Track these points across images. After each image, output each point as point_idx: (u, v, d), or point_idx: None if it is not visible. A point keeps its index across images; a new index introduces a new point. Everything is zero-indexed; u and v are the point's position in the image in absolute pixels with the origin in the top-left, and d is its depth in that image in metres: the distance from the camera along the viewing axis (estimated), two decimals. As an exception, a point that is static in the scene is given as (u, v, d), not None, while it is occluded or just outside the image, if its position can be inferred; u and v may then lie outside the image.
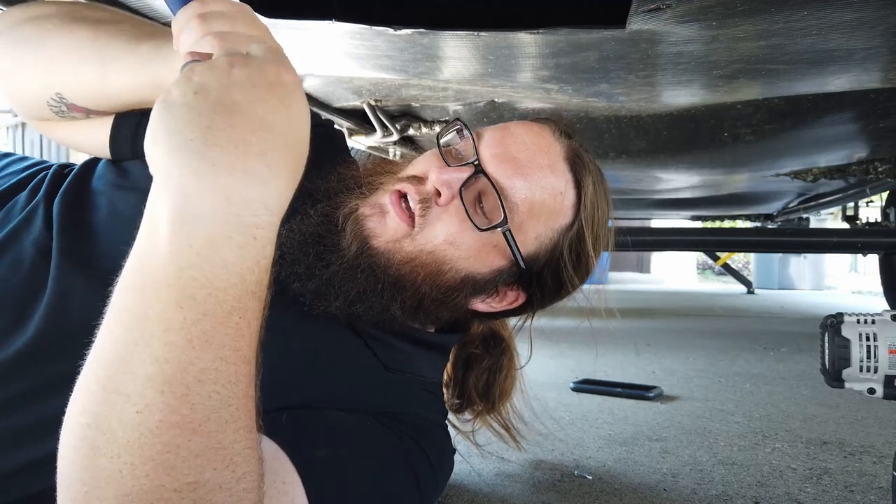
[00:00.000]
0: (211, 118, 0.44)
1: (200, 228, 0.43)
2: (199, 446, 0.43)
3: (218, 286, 0.44)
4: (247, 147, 0.44)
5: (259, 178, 0.45)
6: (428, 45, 1.12)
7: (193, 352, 0.43)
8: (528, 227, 0.72)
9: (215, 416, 0.43)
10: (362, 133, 1.92)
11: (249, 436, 0.46)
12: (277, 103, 0.47)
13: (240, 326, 0.45)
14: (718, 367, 2.49)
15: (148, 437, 0.42)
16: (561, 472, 1.28)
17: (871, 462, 1.37)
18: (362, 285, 0.69)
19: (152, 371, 0.42)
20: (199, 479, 0.43)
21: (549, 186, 0.72)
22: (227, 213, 0.44)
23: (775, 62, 1.15)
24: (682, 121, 1.69)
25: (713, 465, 1.33)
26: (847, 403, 1.88)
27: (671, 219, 6.28)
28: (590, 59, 1.16)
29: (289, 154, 0.47)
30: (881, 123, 1.73)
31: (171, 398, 0.42)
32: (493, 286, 0.75)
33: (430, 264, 0.70)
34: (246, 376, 0.46)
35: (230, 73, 0.47)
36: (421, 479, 0.66)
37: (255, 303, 0.46)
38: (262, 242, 0.45)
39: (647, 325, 3.97)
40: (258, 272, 0.46)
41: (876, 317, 0.85)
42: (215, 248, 0.43)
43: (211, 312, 0.43)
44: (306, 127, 0.49)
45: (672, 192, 3.37)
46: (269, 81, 0.47)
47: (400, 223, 0.69)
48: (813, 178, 2.59)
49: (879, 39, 1.01)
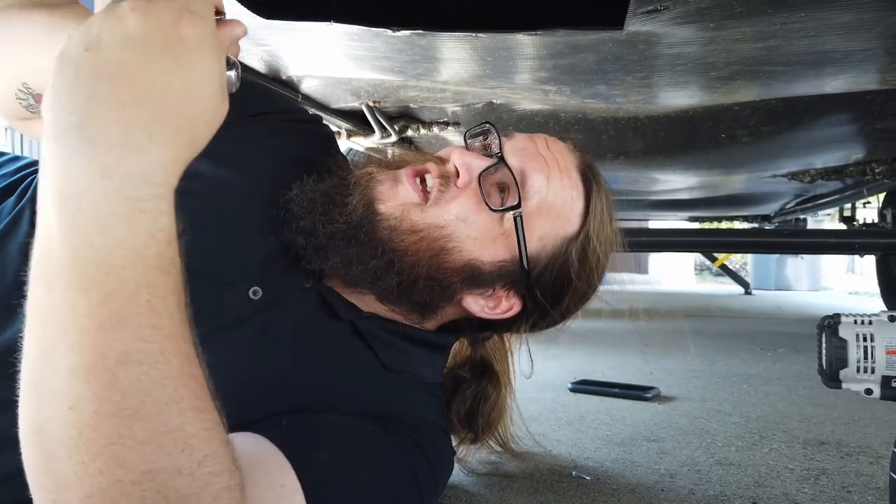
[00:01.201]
0: (94, 86, 0.42)
1: (83, 207, 0.42)
2: (143, 433, 0.42)
3: (116, 264, 0.42)
4: (128, 119, 0.42)
5: (140, 150, 0.43)
6: (426, 46, 1.12)
7: (108, 335, 0.42)
8: (536, 223, 0.73)
9: (151, 399, 0.42)
10: (361, 134, 1.92)
11: (202, 416, 0.45)
12: (171, 65, 0.44)
13: (152, 303, 0.43)
14: (716, 368, 2.49)
15: (88, 431, 0.41)
16: (559, 473, 1.28)
17: (869, 462, 1.37)
18: (362, 246, 0.69)
19: (73, 361, 0.41)
20: (155, 466, 0.42)
21: (561, 191, 0.74)
22: (105, 188, 0.42)
23: (772, 64, 1.15)
24: (679, 122, 1.69)
25: (711, 466, 1.34)
26: (844, 404, 1.88)
27: (669, 220, 6.29)
28: (587, 61, 1.16)
29: (181, 120, 0.45)
30: (878, 125, 1.73)
31: (98, 387, 0.41)
32: (491, 281, 0.74)
33: (437, 239, 0.70)
34: (177, 355, 0.44)
35: (126, 25, 0.43)
36: (421, 481, 0.66)
37: (162, 277, 0.44)
38: (151, 215, 0.44)
39: (645, 325, 3.97)
40: (156, 246, 0.44)
41: (873, 317, 0.86)
42: (102, 226, 0.42)
43: (115, 292, 0.42)
44: (209, 87, 0.46)
45: (670, 193, 3.38)
46: (166, 37, 0.44)
47: (410, 192, 0.70)
48: (810, 179, 2.59)
49: (876, 41, 1.01)
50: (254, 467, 0.53)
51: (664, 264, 11.22)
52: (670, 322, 4.20)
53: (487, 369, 0.95)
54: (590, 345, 2.96)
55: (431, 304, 0.75)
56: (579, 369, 2.36)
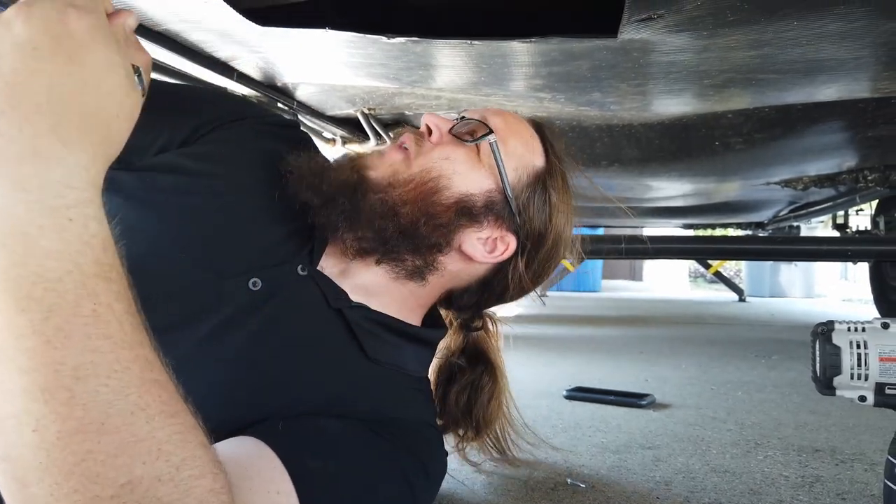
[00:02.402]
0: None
1: (6, 225, 0.40)
2: (112, 446, 0.41)
3: (51, 277, 0.41)
4: (33, 128, 0.41)
5: (54, 157, 0.41)
6: (421, 53, 1.12)
7: (57, 352, 0.40)
8: (507, 153, 0.79)
9: (115, 410, 0.41)
10: (356, 141, 1.92)
11: (172, 420, 0.44)
12: (66, 64, 0.42)
13: (98, 312, 0.42)
14: (710, 375, 2.49)
15: (56, 452, 0.40)
16: (554, 481, 1.27)
17: (863, 469, 1.37)
18: (362, 203, 0.73)
19: (26, 384, 0.40)
20: (132, 477, 0.41)
21: (519, 127, 0.82)
22: (26, 202, 0.41)
23: (766, 72, 1.16)
24: (673, 129, 1.70)
25: (706, 473, 1.34)
26: (838, 411, 1.89)
27: (663, 227, 6.31)
28: (582, 68, 1.16)
29: (89, 120, 0.43)
30: (870, 133, 1.75)
31: (57, 405, 0.40)
32: (483, 214, 0.77)
33: (427, 182, 0.74)
34: (135, 361, 0.43)
35: (12, 30, 0.42)
36: (414, 484, 0.66)
37: (104, 284, 0.43)
38: (80, 222, 0.42)
39: (640, 332, 3.98)
40: (91, 252, 0.43)
41: (866, 324, 0.86)
42: (30, 241, 0.41)
43: (56, 306, 0.41)
44: (111, 79, 0.45)
45: (664, 201, 3.39)
46: (53, 36, 0.42)
47: (396, 154, 0.77)
48: (803, 186, 2.61)
49: (868, 50, 1.02)
50: (250, 473, 0.53)
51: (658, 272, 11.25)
52: (664, 329, 4.21)
53: (482, 357, 0.96)
54: (584, 352, 2.96)
55: (435, 246, 0.76)
56: (574, 376, 2.35)
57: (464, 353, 0.96)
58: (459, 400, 0.94)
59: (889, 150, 2.03)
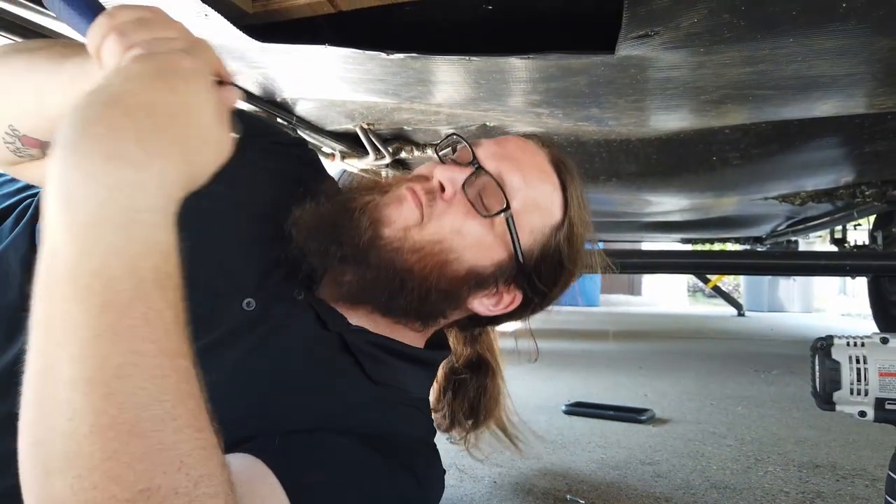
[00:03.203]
0: (89, 111, 0.44)
1: (80, 215, 0.43)
2: (139, 449, 0.41)
3: (111, 274, 0.43)
4: (120, 133, 0.44)
5: (134, 161, 0.44)
6: (420, 69, 1.13)
7: (104, 347, 0.42)
8: (524, 218, 0.76)
9: (148, 415, 0.42)
10: (355, 156, 1.93)
11: (199, 435, 0.44)
12: (164, 88, 0.47)
13: (148, 317, 0.43)
14: (710, 390, 2.48)
15: (86, 444, 0.41)
16: (553, 497, 1.27)
17: (864, 485, 1.36)
18: (374, 271, 0.71)
19: (72, 373, 0.41)
20: (151, 485, 0.41)
21: (539, 186, 0.78)
22: (102, 197, 0.43)
23: (762, 88, 1.17)
24: (671, 145, 1.71)
25: (706, 489, 1.33)
26: (839, 426, 1.88)
27: (662, 241, 6.32)
28: (580, 84, 1.17)
29: (176, 140, 0.46)
30: (866, 148, 1.75)
31: (95, 399, 0.41)
32: (493, 282, 0.77)
33: (438, 254, 0.73)
34: (175, 371, 0.44)
35: (129, 67, 0.47)
36: (411, 502, 0.66)
37: (159, 291, 0.45)
38: (147, 226, 0.45)
39: (639, 347, 3.97)
40: (152, 258, 0.45)
41: (865, 339, 0.86)
42: (99, 235, 0.43)
43: (110, 303, 0.42)
44: (204, 110, 0.49)
45: (662, 215, 3.40)
46: (161, 69, 0.48)
47: (414, 209, 0.73)
48: (801, 201, 2.61)
49: (863, 66, 1.02)
50: (244, 491, 0.53)
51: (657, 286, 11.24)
52: (663, 344, 4.20)
53: (483, 364, 0.98)
54: (583, 367, 2.96)
55: (442, 314, 0.78)
56: (573, 391, 2.35)
57: (469, 364, 0.97)
58: (464, 405, 0.96)
59: (886, 165, 2.03)
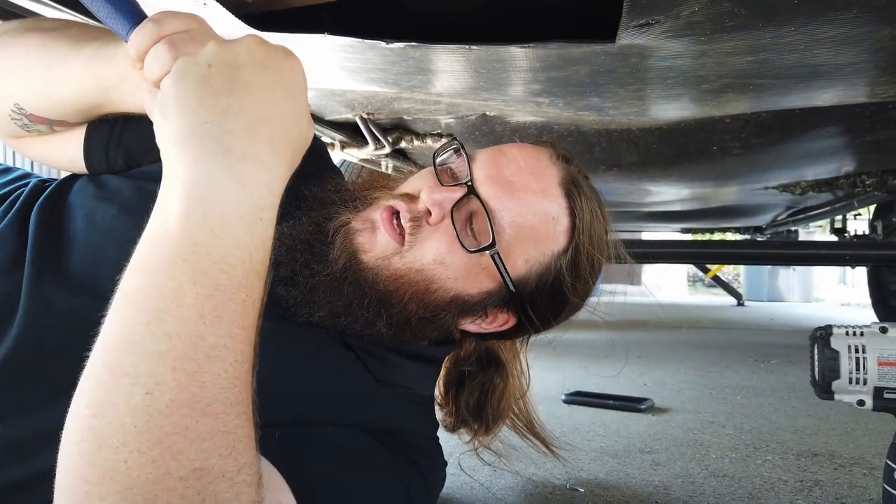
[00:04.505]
0: (226, 101, 0.47)
1: (216, 207, 0.46)
2: (206, 428, 0.43)
3: (229, 262, 0.46)
4: (257, 135, 0.48)
5: (265, 163, 0.48)
6: (420, 58, 1.12)
7: (205, 327, 0.44)
8: (517, 250, 0.71)
9: (223, 397, 0.44)
10: (354, 146, 1.92)
11: (249, 424, 0.46)
12: (285, 93, 0.50)
13: (246, 304, 0.46)
14: (709, 379, 2.49)
15: (157, 418, 0.41)
16: (553, 486, 1.27)
17: (862, 474, 1.37)
18: (348, 298, 0.69)
19: (164, 348, 0.43)
20: (205, 465, 0.42)
21: (540, 211, 0.71)
22: (239, 194, 0.46)
23: (763, 77, 1.16)
24: (671, 134, 1.70)
25: (705, 478, 1.33)
26: (837, 415, 1.89)
27: (662, 231, 6.31)
28: (580, 73, 1.17)
29: (290, 143, 0.51)
30: (868, 137, 1.75)
31: (182, 375, 0.42)
32: (481, 307, 0.74)
33: (419, 283, 0.69)
34: (249, 358, 0.47)
35: (250, 50, 0.50)
36: (413, 495, 0.66)
37: (259, 282, 0.48)
38: (266, 223, 0.48)
39: (639, 337, 3.97)
40: (263, 252, 0.48)
41: (864, 329, 0.86)
42: (228, 226, 0.46)
43: (222, 288, 0.45)
44: (307, 115, 0.53)
45: (662, 205, 3.39)
46: (281, 68, 0.51)
47: (389, 240, 0.68)
48: (801, 191, 2.61)
49: (865, 55, 1.02)
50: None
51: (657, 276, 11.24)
52: (663, 333, 4.21)
53: (493, 359, 0.93)
54: (583, 356, 2.96)
55: (428, 336, 0.76)
56: (573, 381, 2.35)
57: (474, 357, 0.93)
58: (469, 401, 0.92)
59: (887, 154, 2.03)
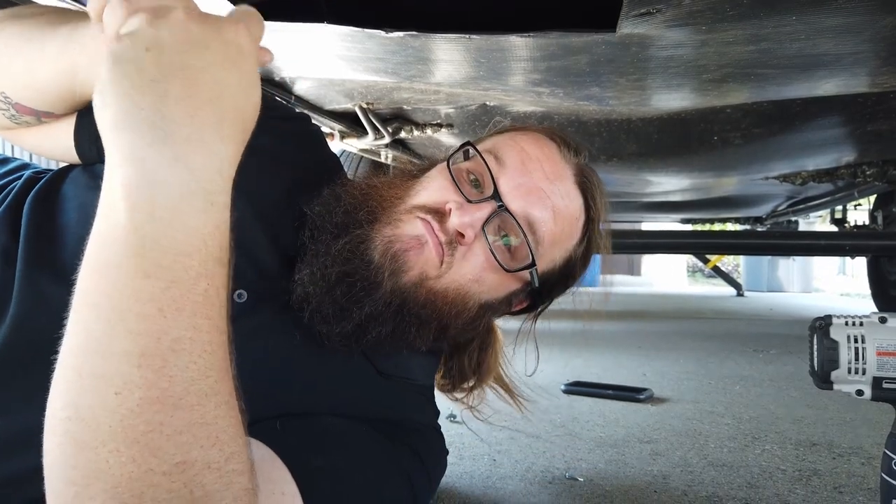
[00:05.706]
0: (164, 86, 0.44)
1: (161, 197, 0.43)
2: (181, 422, 0.42)
3: (183, 251, 0.44)
4: (201, 118, 0.45)
5: (212, 147, 0.46)
6: (419, 47, 1.12)
7: (166, 321, 0.43)
8: (548, 256, 0.74)
9: (195, 389, 0.43)
10: (354, 136, 1.92)
11: (232, 413, 0.45)
12: (231, 66, 0.47)
13: (208, 293, 0.45)
14: (708, 369, 2.50)
15: (130, 417, 0.41)
16: (552, 475, 1.28)
17: (860, 463, 1.38)
18: (395, 324, 0.69)
19: (127, 346, 0.42)
20: (187, 458, 0.42)
21: (568, 216, 0.74)
22: (186, 181, 0.44)
23: (764, 66, 1.16)
24: (672, 124, 1.70)
25: (703, 467, 1.34)
26: (836, 405, 1.89)
27: (662, 222, 6.31)
28: (581, 63, 1.16)
29: (239, 120, 0.48)
30: (868, 127, 1.75)
31: (148, 372, 0.42)
32: (506, 304, 0.77)
33: (456, 300, 0.71)
34: (220, 346, 0.46)
35: (188, 29, 0.46)
36: (415, 483, 0.66)
37: (220, 268, 0.46)
38: (218, 207, 0.46)
39: (638, 327, 3.98)
40: (219, 237, 0.46)
41: (864, 319, 0.86)
42: (177, 215, 0.44)
43: (179, 279, 0.44)
44: (257, 91, 0.50)
45: (662, 195, 3.39)
46: (225, 41, 0.47)
47: (434, 258, 0.68)
48: (801, 181, 2.61)
49: (867, 44, 1.02)
50: (257, 472, 0.53)
51: (657, 266, 11.26)
52: (662, 323, 4.21)
53: None
54: (583, 346, 2.97)
55: (451, 339, 0.79)
56: (572, 371, 2.36)
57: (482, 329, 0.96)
58: (471, 361, 0.94)
59: (888, 145, 2.03)
